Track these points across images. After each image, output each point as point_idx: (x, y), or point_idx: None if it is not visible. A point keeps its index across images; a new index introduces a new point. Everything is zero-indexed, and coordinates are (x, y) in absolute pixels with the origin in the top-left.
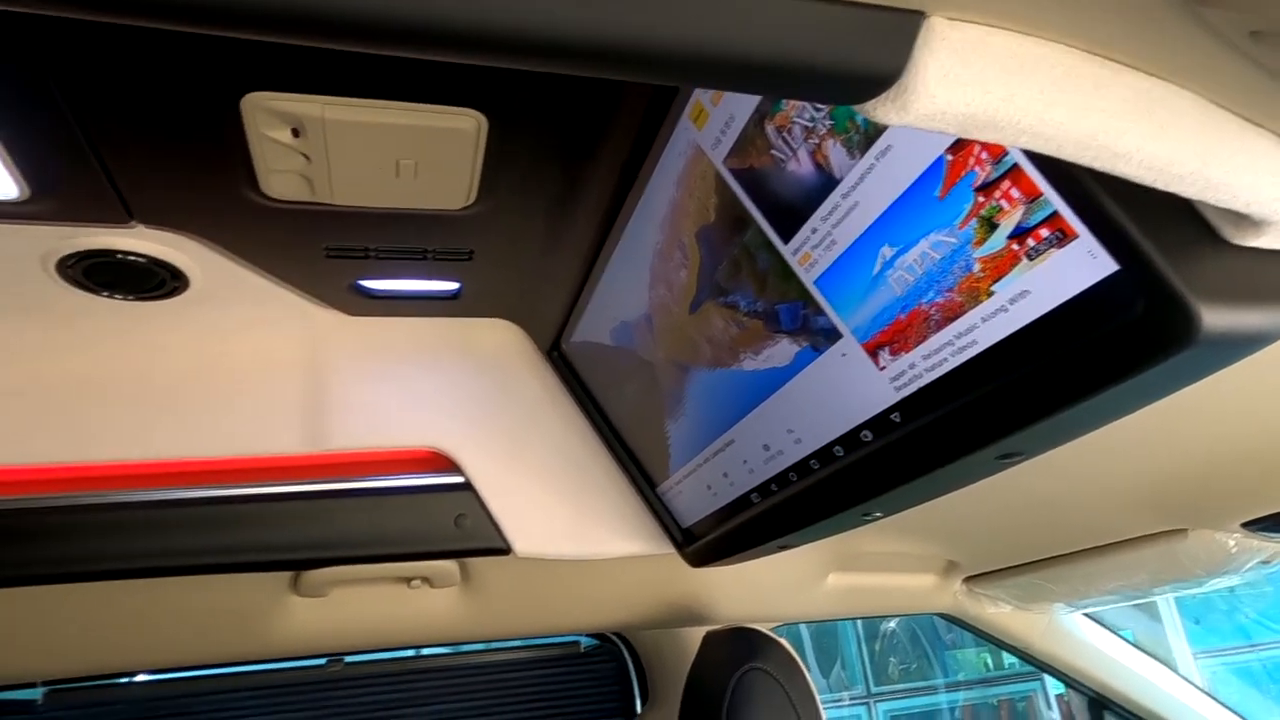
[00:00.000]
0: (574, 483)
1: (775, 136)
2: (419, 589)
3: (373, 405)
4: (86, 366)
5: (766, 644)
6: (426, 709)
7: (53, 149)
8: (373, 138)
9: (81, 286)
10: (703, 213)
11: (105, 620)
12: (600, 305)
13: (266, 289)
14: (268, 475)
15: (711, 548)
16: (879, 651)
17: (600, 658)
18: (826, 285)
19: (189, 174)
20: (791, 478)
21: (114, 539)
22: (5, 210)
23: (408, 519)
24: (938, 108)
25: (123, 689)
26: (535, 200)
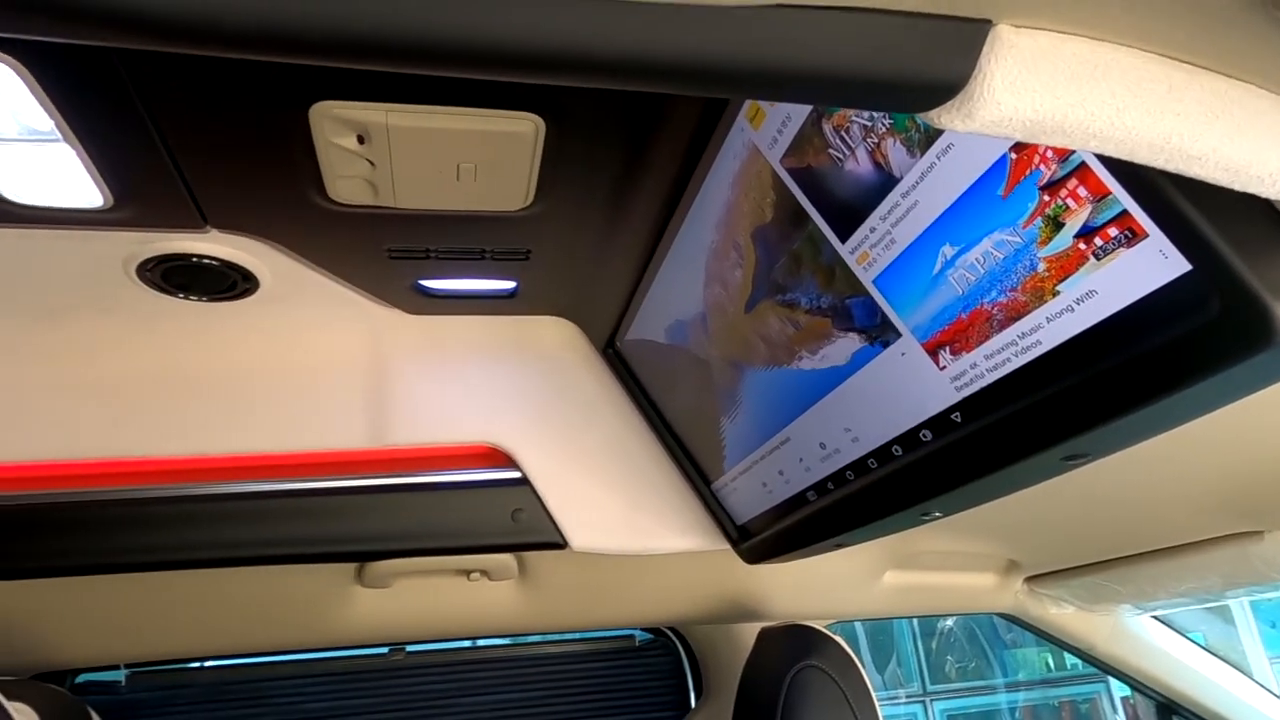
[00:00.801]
0: (629, 479)
1: (833, 136)
2: (478, 581)
3: (432, 402)
4: (164, 365)
5: (822, 641)
6: (484, 698)
7: (135, 160)
8: (435, 142)
9: (159, 289)
10: (758, 212)
11: (182, 607)
12: (655, 304)
13: (332, 289)
14: (333, 470)
15: (767, 545)
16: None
17: (655, 652)
18: (885, 284)
19: (260, 181)
20: (849, 476)
21: (190, 530)
22: (91, 218)
23: (466, 513)
24: (1004, 114)
25: (198, 672)
26: (591, 200)
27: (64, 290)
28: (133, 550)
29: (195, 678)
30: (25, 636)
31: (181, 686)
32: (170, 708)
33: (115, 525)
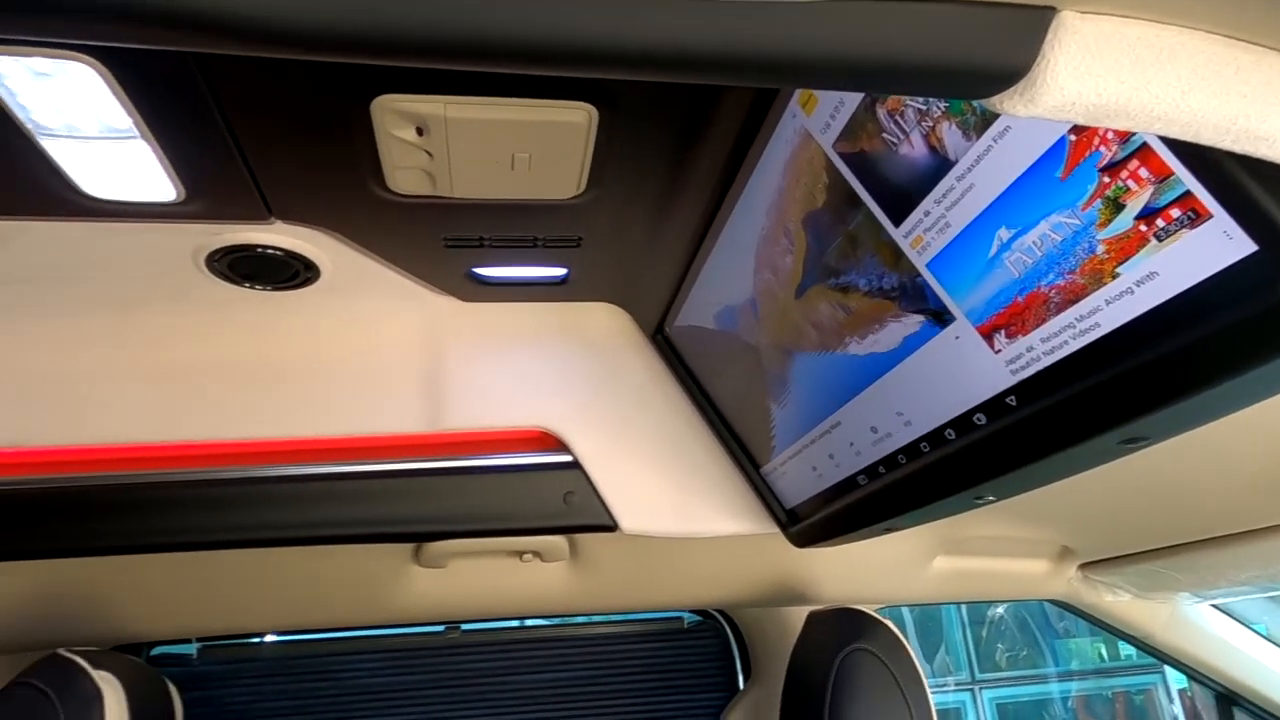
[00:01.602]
0: (678, 463)
1: (887, 120)
2: (530, 563)
3: (486, 387)
4: (230, 352)
5: (872, 625)
6: (535, 676)
7: (206, 154)
8: (491, 133)
9: (226, 278)
10: (809, 198)
11: (250, 585)
12: (704, 290)
13: (389, 278)
14: (392, 453)
15: (816, 528)
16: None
17: (703, 634)
18: (939, 268)
19: (323, 173)
20: (900, 460)
21: (256, 510)
22: (164, 211)
23: (520, 496)
24: (1067, 99)
25: (264, 647)
26: (642, 188)
27: (138, 281)
28: (203, 529)
29: (262, 652)
30: (106, 610)
31: (249, 660)
32: (238, 679)
33: (186, 506)
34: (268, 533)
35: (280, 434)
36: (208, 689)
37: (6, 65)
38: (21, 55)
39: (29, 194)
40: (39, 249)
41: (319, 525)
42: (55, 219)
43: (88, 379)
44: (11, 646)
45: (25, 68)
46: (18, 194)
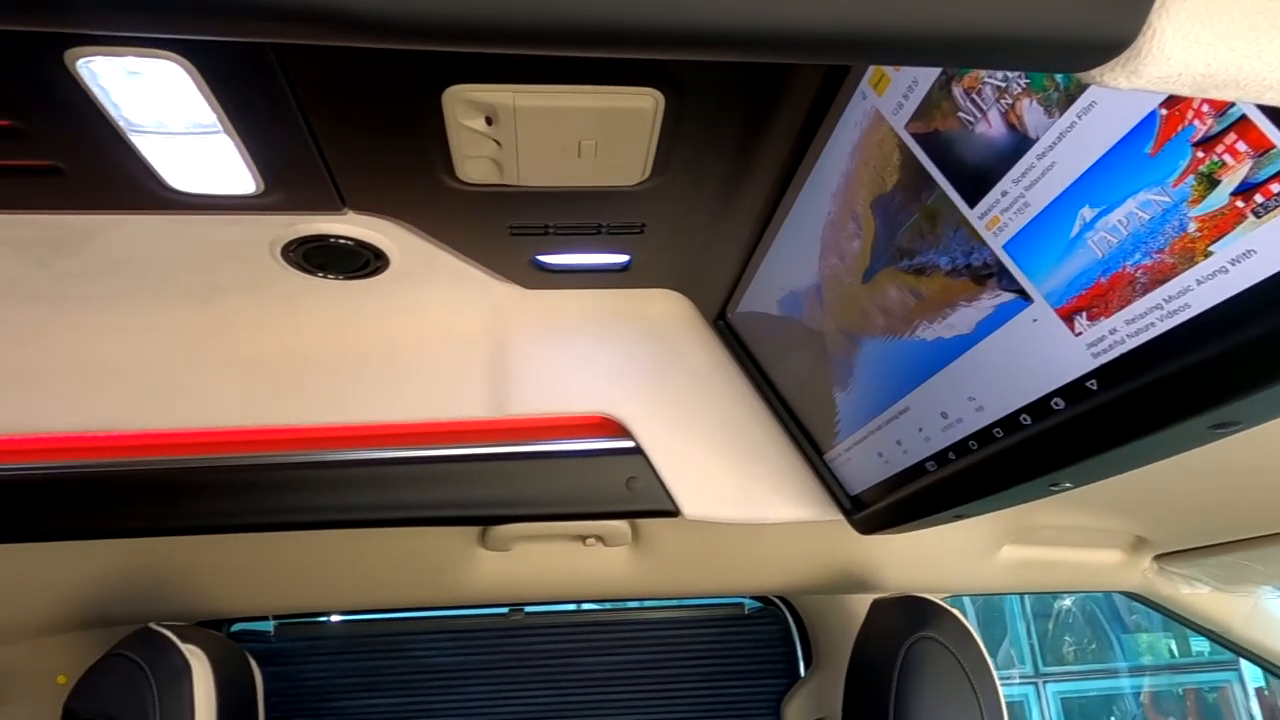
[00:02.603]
0: (741, 449)
1: (963, 99)
2: (593, 547)
3: (549, 374)
4: (303, 340)
5: (938, 613)
6: (597, 659)
7: (284, 147)
8: (559, 121)
9: (300, 268)
10: (878, 182)
11: (324, 565)
12: (768, 275)
13: (455, 266)
14: (458, 439)
15: (882, 515)
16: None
17: (764, 620)
18: (1017, 249)
19: (394, 163)
20: (972, 446)
21: (329, 493)
22: (243, 203)
23: (583, 481)
24: (1173, 70)
25: (336, 625)
26: (707, 174)
27: (217, 272)
28: (279, 511)
29: (334, 630)
30: (190, 588)
31: (322, 637)
32: (312, 656)
33: (264, 488)
34: (340, 515)
35: (351, 419)
36: (284, 664)
37: (101, 65)
38: (115, 55)
39: (119, 189)
40: (127, 242)
41: (389, 508)
42: (142, 213)
43: (171, 367)
44: (105, 621)
45: (118, 67)
46: (109, 189)
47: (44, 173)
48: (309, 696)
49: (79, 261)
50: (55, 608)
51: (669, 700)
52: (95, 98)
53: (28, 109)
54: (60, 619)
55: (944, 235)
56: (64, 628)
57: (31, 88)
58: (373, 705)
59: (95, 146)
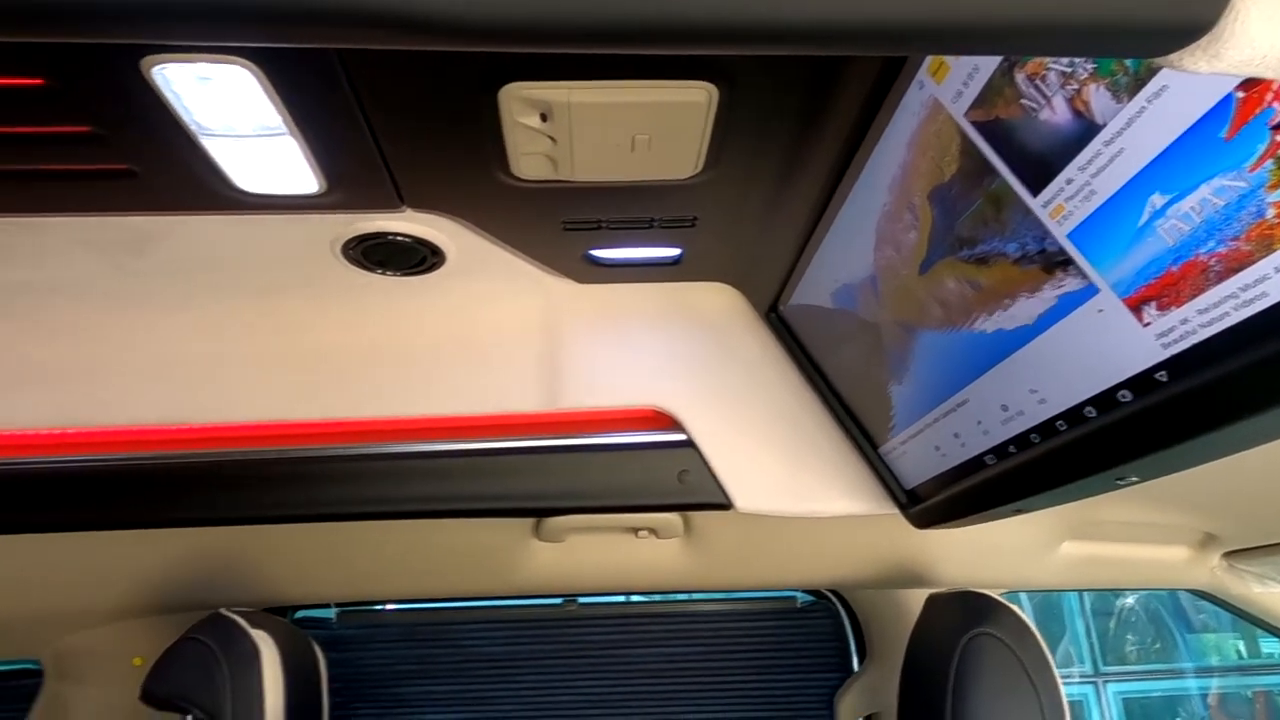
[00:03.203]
0: (793, 442)
1: (1026, 85)
2: (646, 539)
3: (601, 367)
4: (363, 336)
5: (997, 609)
6: (648, 650)
7: (346, 147)
8: (612, 116)
9: (360, 265)
10: (936, 172)
11: (383, 555)
12: (821, 268)
13: (509, 262)
14: (513, 431)
15: (939, 509)
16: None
17: (816, 614)
18: (1082, 238)
19: (452, 161)
20: (1033, 439)
21: (387, 485)
22: (306, 202)
23: (635, 473)
24: (1257, 53)
25: (396, 614)
26: (760, 166)
27: (279, 269)
28: (341, 501)
29: (394, 618)
30: (257, 576)
31: (382, 625)
32: (373, 643)
33: (326, 479)
34: (398, 506)
35: (408, 413)
36: (345, 651)
37: (174, 72)
38: (187, 62)
39: (189, 191)
40: (195, 242)
41: (445, 499)
42: (210, 213)
43: (237, 362)
44: (177, 606)
45: (191, 73)
46: (180, 191)
47: (120, 176)
48: (368, 683)
49: (150, 261)
50: (131, 593)
51: (719, 693)
52: (169, 103)
53: (106, 115)
54: (135, 604)
55: (1005, 225)
56: (139, 612)
57: (110, 95)
58: (431, 692)
59: (168, 150)
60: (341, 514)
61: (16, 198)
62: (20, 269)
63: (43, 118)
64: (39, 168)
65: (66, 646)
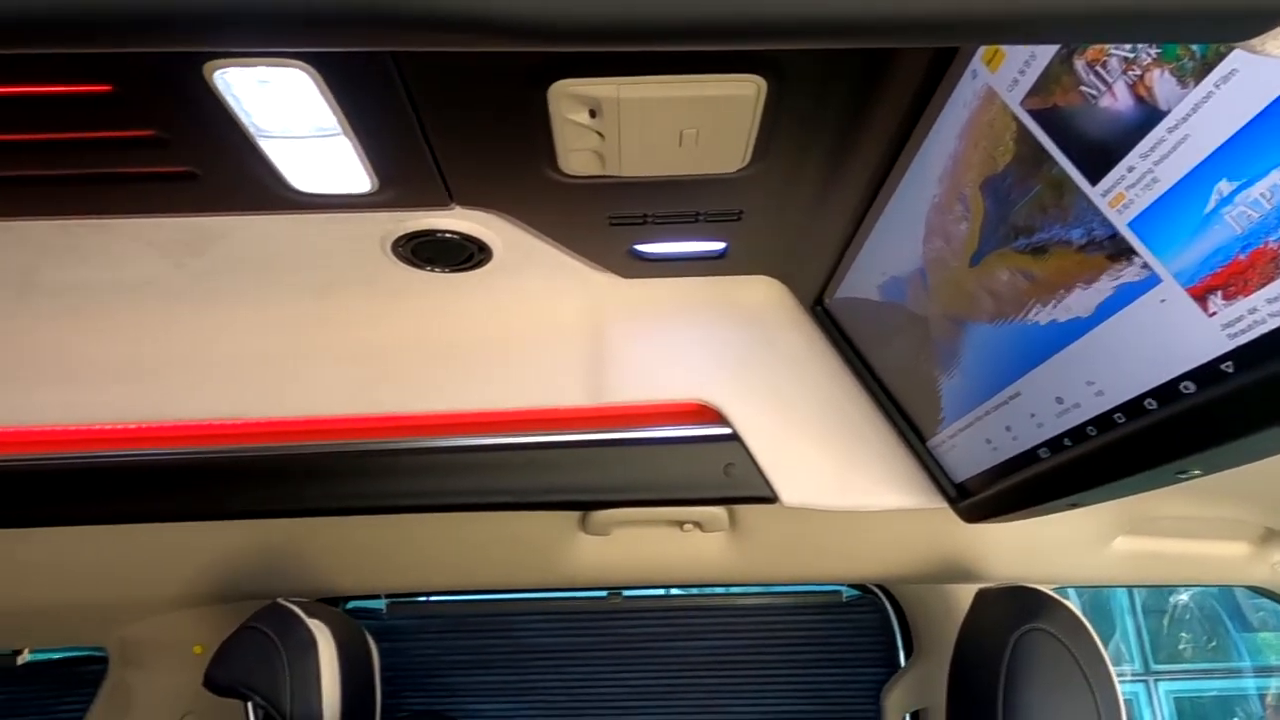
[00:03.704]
0: (840, 435)
1: (1086, 72)
2: (690, 532)
3: (646, 361)
4: (411, 331)
5: (1050, 604)
6: (693, 644)
7: (398, 146)
8: (661, 111)
9: (409, 262)
10: (989, 162)
11: (432, 547)
12: (868, 260)
13: (555, 257)
14: (558, 425)
15: (989, 503)
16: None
17: (862, 608)
18: (1143, 227)
19: (501, 159)
20: (1090, 432)
21: (437, 478)
22: (358, 201)
23: (681, 467)
24: None
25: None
26: (807, 159)
27: (332, 267)
28: (390, 495)
29: (442, 609)
30: (310, 567)
31: (431, 616)
32: (422, 634)
33: (377, 473)
34: (447, 499)
35: (455, 407)
36: (395, 641)
37: (235, 75)
38: (248, 66)
39: (247, 191)
40: (250, 241)
41: (493, 493)
42: (266, 213)
43: (290, 358)
44: (234, 596)
45: (251, 77)
46: (238, 192)
47: (182, 178)
48: (418, 672)
49: (208, 260)
50: (191, 583)
51: (765, 687)
52: (229, 106)
53: (170, 119)
54: (195, 593)
55: (1061, 215)
56: (198, 601)
57: (173, 99)
58: (479, 682)
59: (227, 152)
60: (392, 507)
61: (83, 200)
62: (86, 269)
63: (109, 123)
64: (104, 171)
65: (130, 634)
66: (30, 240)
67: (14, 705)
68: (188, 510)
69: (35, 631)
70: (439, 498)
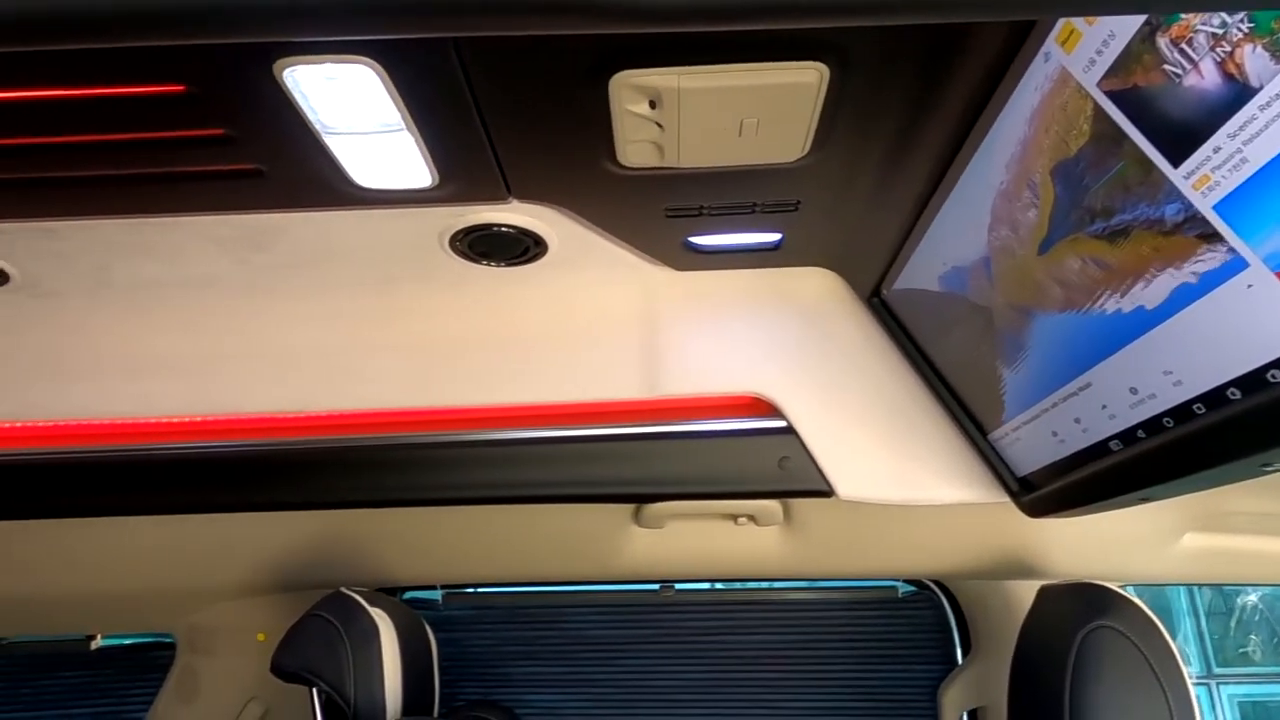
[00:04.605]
0: (897, 428)
1: (1169, 50)
2: (745, 526)
3: (700, 354)
4: (467, 325)
5: (1118, 602)
6: (745, 638)
7: (459, 141)
8: (722, 100)
9: (466, 257)
10: (1060, 147)
11: (487, 539)
12: (928, 251)
13: (609, 250)
14: (613, 419)
15: (1055, 497)
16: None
17: (918, 604)
18: (1230, 209)
19: (560, 152)
20: (1166, 423)
21: (493, 471)
22: (419, 196)
23: (735, 460)
24: None
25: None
26: (868, 148)
27: (391, 262)
28: (447, 486)
29: (496, 600)
30: (369, 557)
31: (485, 607)
32: (477, 625)
33: (432, 465)
34: (503, 491)
35: (511, 400)
36: (451, 631)
37: (303, 73)
38: (316, 63)
39: (312, 188)
40: (313, 237)
41: (548, 485)
42: (329, 209)
43: (349, 352)
44: (296, 585)
45: (319, 74)
46: (303, 188)
47: (249, 176)
48: (474, 662)
49: (271, 256)
50: (255, 572)
51: (818, 682)
52: (296, 103)
53: (239, 118)
54: (259, 582)
55: (1138, 199)
56: (261, 590)
57: (243, 98)
58: (532, 672)
59: (294, 149)
60: (449, 498)
61: (153, 199)
62: (155, 266)
63: (181, 122)
64: (174, 170)
65: (197, 622)
66: (101, 239)
67: (88, 687)
68: (252, 501)
69: (107, 617)
70: (495, 490)
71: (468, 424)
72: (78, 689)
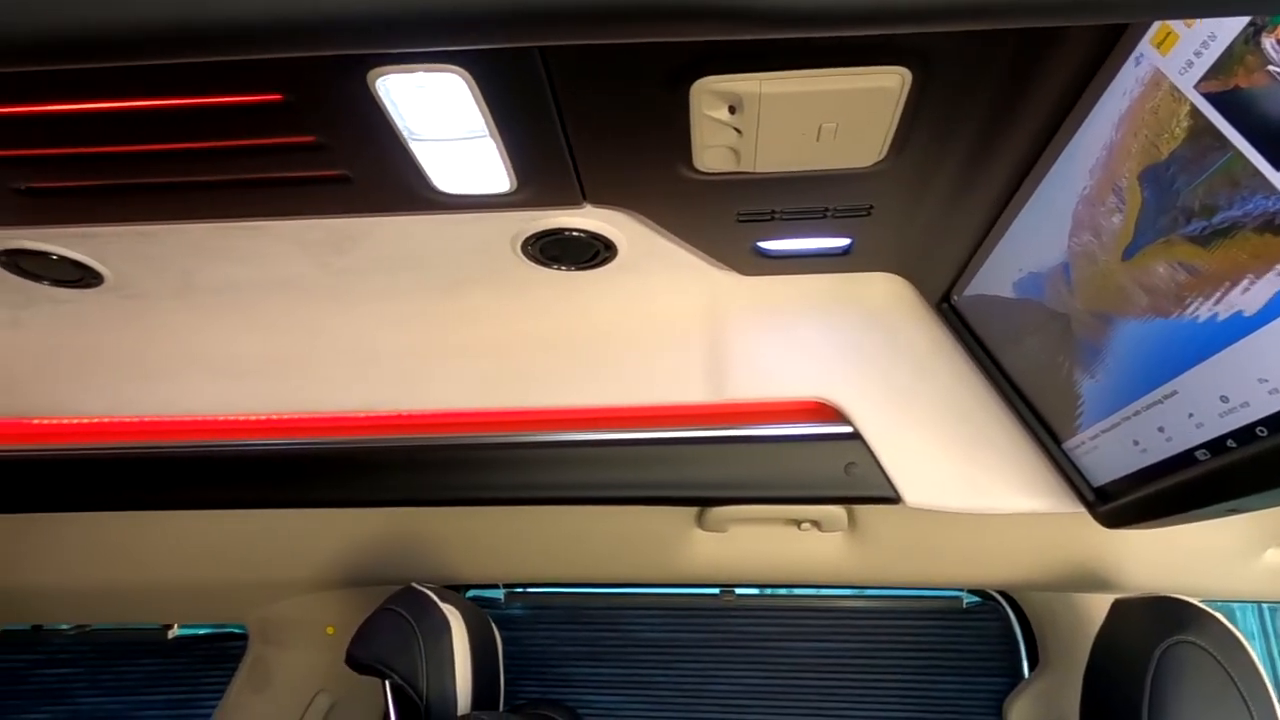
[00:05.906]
0: (966, 436)
1: (1274, 50)
2: (808, 532)
3: (766, 359)
4: (536, 328)
5: (1199, 616)
6: (805, 645)
7: (538, 147)
8: (802, 106)
9: (537, 261)
10: (1150, 151)
11: (550, 539)
12: (1003, 257)
13: (677, 255)
14: (679, 422)
15: (1134, 508)
16: None
17: (983, 615)
18: None
19: (636, 157)
20: (1260, 433)
21: (557, 471)
22: (496, 201)
23: (800, 465)
24: None
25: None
26: (946, 152)
27: (465, 266)
28: (512, 486)
29: (557, 600)
30: (435, 554)
31: (546, 607)
32: (537, 624)
33: (499, 465)
34: (568, 492)
35: (579, 403)
36: (513, 630)
37: (395, 82)
38: (408, 73)
39: (394, 193)
40: (391, 241)
41: (612, 487)
42: (409, 214)
43: (422, 354)
44: (364, 580)
45: (410, 83)
46: (386, 193)
47: (335, 182)
48: (535, 661)
49: (350, 260)
50: (325, 566)
51: (879, 692)
52: (386, 111)
53: (331, 126)
54: (329, 576)
55: (1236, 203)
56: (331, 584)
57: (336, 107)
58: (591, 673)
59: (380, 156)
60: (516, 498)
61: (241, 204)
62: (239, 269)
63: (274, 130)
64: (264, 176)
65: (269, 614)
66: (189, 242)
67: (164, 675)
68: (324, 497)
69: (183, 608)
70: (561, 490)
71: (535, 425)
72: (155, 676)
